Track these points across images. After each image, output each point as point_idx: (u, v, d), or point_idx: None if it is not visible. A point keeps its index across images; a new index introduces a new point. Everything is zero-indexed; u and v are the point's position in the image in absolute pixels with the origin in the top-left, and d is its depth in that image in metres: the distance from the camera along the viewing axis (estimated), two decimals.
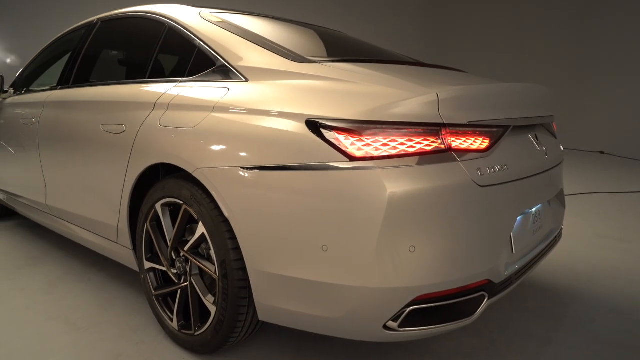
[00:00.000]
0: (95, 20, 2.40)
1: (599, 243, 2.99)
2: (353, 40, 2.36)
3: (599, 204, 4.12)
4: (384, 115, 1.18)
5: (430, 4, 12.12)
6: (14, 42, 8.91)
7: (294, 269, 1.27)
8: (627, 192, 4.67)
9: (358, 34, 3.23)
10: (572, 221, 3.51)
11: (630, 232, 3.23)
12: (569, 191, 4.64)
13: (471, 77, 1.80)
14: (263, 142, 1.31)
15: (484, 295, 1.28)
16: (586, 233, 3.21)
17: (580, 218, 3.61)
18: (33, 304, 2.05)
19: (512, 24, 10.41)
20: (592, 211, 3.84)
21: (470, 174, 1.21)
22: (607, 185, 5.01)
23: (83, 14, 6.40)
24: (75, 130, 2.07)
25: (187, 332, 1.62)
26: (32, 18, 8.88)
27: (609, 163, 7.04)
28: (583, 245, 2.94)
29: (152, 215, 1.69)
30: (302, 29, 2.16)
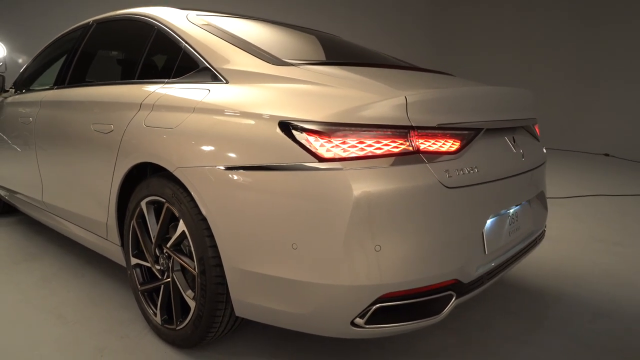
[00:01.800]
0: (90, 22, 2.45)
1: (593, 246, 2.98)
2: (342, 42, 2.39)
3: (599, 206, 4.11)
4: (353, 117, 1.22)
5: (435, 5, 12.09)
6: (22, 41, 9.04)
7: (266, 266, 1.30)
8: (629, 195, 4.64)
9: (362, 35, 3.25)
10: (569, 224, 3.51)
11: (626, 236, 3.22)
12: (570, 193, 4.63)
13: (454, 81, 1.82)
14: (239, 142, 1.35)
15: (451, 295, 1.30)
16: (582, 236, 3.21)
17: (578, 220, 3.60)
18: (26, 298, 2.11)
19: (517, 26, 10.36)
20: (591, 214, 3.82)
21: (438, 175, 1.24)
22: (610, 188, 4.98)
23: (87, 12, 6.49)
24: (68, 129, 2.13)
25: (170, 326, 1.66)
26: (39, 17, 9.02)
27: (613, 165, 6.98)
28: (577, 248, 2.94)
29: (137, 212, 1.74)
30: (289, 31, 2.19)
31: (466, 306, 2.04)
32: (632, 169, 6.62)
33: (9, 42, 8.47)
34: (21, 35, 9.00)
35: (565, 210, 3.94)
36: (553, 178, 5.72)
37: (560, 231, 3.29)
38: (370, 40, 11.15)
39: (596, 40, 8.80)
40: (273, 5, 10.94)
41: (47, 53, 2.91)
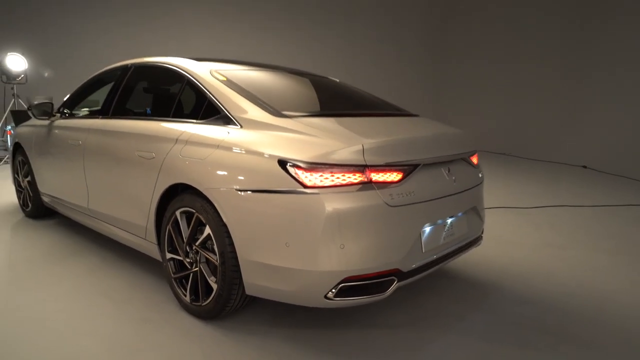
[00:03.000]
0: (129, 65, 3.07)
1: (540, 250, 3.57)
2: (333, 88, 3.00)
3: (560, 216, 4.69)
4: (327, 159, 1.82)
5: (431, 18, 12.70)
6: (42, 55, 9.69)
7: (268, 258, 1.91)
8: (589, 206, 5.23)
9: (361, 49, 3.83)
10: (526, 230, 4.10)
11: (572, 242, 3.80)
12: (539, 204, 5.21)
13: (413, 124, 2.44)
14: (250, 172, 1.96)
15: (394, 279, 1.91)
16: (534, 241, 3.80)
17: (535, 228, 4.20)
18: (81, 284, 2.71)
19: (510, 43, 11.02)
20: (550, 223, 4.41)
21: (384, 198, 1.85)
22: (577, 199, 5.56)
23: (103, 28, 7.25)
24: (115, 153, 2.74)
25: (197, 303, 2.26)
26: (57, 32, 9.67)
27: (589, 177, 7.54)
28: (525, 251, 3.53)
29: (172, 219, 2.34)
30: (288, 78, 2.81)
31: (420, 292, 2.64)
32: (606, 181, 7.16)
33: (30, 55, 9.10)
34: (41, 49, 9.66)
35: (527, 218, 4.54)
36: (527, 188, 6.34)
37: (515, 237, 3.89)
38: (368, 54, 11.71)
39: (578, 58, 9.42)
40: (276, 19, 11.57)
41: (89, 85, 3.53)
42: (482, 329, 2.27)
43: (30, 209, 4.04)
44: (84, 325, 2.23)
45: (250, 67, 2.85)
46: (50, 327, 2.21)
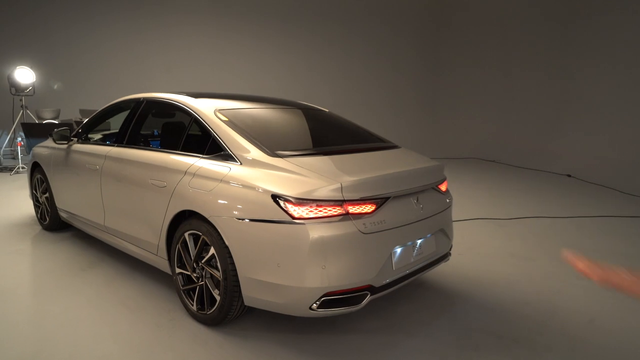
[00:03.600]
0: (141, 99, 3.46)
1: (506, 260, 3.97)
2: (322, 122, 3.40)
3: (534, 227, 5.09)
4: (311, 195, 2.21)
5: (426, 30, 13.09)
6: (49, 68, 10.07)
7: (263, 275, 2.30)
8: (566, 217, 5.62)
9: (358, 59, 4.19)
10: (497, 242, 4.50)
11: (537, 253, 4.20)
12: (520, 214, 5.60)
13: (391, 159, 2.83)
14: (248, 203, 2.35)
15: (367, 293, 2.30)
16: (502, 252, 4.19)
17: (507, 239, 4.59)
18: (100, 293, 3.10)
19: (500, 55, 11.44)
20: (522, 234, 4.81)
21: (358, 227, 2.24)
22: (556, 210, 5.94)
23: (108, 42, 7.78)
24: (130, 179, 3.13)
25: (202, 312, 2.65)
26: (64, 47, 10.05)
27: (573, 187, 7.92)
28: (495, 262, 3.93)
29: (181, 240, 2.74)
30: (283, 114, 3.21)
31: (396, 301, 3.03)
32: (589, 190, 7.53)
33: (38, 68, 9.49)
34: (48, 63, 10.05)
35: (503, 230, 4.94)
36: (510, 197, 6.74)
37: (487, 248, 4.29)
38: (364, 64, 12.09)
39: (564, 70, 9.84)
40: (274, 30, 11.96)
41: (103, 114, 3.92)
42: (444, 333, 2.67)
43: (47, 222, 4.43)
44: (106, 330, 2.62)
45: (248, 103, 3.24)
46: (77, 332, 2.60)
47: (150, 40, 10.94)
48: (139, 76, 10.67)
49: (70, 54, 10.34)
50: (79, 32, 10.38)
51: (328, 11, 12.33)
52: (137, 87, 10.50)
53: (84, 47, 10.42)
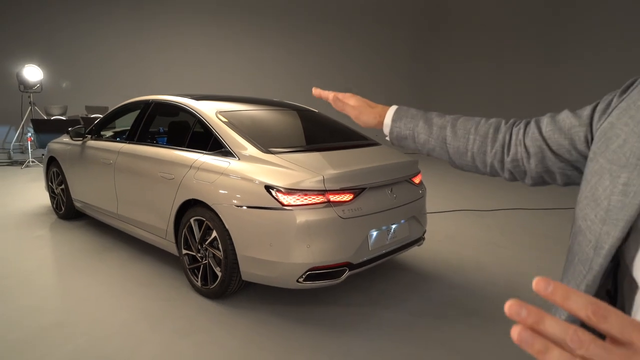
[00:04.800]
0: (150, 100, 3.86)
1: (482, 247, 4.39)
2: (312, 122, 3.80)
3: (513, 218, 5.50)
4: (298, 185, 2.62)
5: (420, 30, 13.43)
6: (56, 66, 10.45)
7: (257, 253, 2.72)
8: (546, 209, 6.04)
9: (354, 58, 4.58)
10: (475, 231, 4.92)
11: (511, 241, 4.62)
12: (501, 206, 6.02)
13: (369, 155, 3.24)
14: (245, 193, 2.76)
15: (345, 269, 2.72)
16: (481, 241, 4.61)
17: (486, 229, 5.01)
18: (116, 273, 3.52)
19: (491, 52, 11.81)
20: (502, 224, 5.22)
21: (338, 213, 2.65)
22: (538, 202, 6.36)
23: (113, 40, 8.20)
24: (141, 172, 3.54)
25: (206, 287, 3.07)
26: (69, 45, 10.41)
27: None
28: (472, 249, 4.34)
29: (187, 225, 3.15)
30: (276, 115, 3.61)
31: (373, 280, 3.45)
32: None
33: (45, 67, 9.87)
34: (55, 61, 10.44)
35: (483, 220, 5.36)
36: (493, 190, 7.15)
37: (466, 237, 4.71)
38: (360, 62, 12.35)
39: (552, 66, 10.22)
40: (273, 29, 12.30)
41: (115, 114, 4.32)
42: (414, 306, 3.09)
43: (63, 212, 4.84)
44: (123, 303, 3.04)
45: (246, 105, 3.64)
46: (98, 304, 3.02)
47: (151, 39, 11.31)
48: (140, 74, 11.05)
49: (75, 52, 10.72)
50: (83, 31, 10.76)
51: (325, 11, 12.67)
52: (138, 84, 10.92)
53: (88, 45, 10.79)
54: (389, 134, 0.99)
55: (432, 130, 0.94)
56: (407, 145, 0.98)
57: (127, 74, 10.99)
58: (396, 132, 0.97)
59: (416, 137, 0.95)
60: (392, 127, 0.98)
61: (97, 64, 10.88)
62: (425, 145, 0.95)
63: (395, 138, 0.98)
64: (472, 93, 12.42)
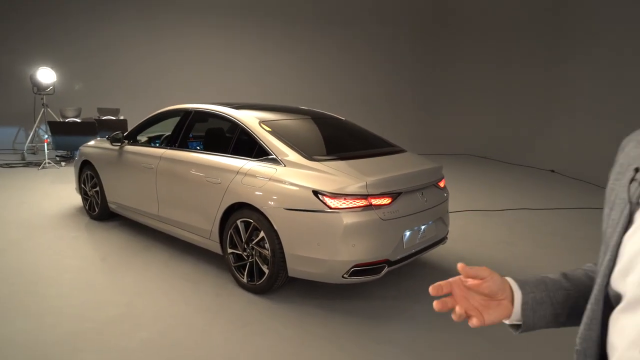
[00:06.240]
0: (190, 109, 4.13)
1: (493, 245, 4.71)
2: (343, 130, 4.10)
3: (520, 217, 5.84)
4: (344, 190, 2.91)
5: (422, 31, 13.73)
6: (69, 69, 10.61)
7: (306, 252, 3.00)
8: (549, 209, 6.37)
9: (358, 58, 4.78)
10: (487, 230, 5.24)
11: (519, 239, 4.94)
12: (507, 206, 6.35)
13: (402, 160, 3.53)
14: (293, 197, 3.04)
15: (385, 265, 3.02)
16: (493, 239, 4.93)
17: (495, 228, 5.33)
18: (162, 271, 3.79)
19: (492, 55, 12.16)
20: (510, 224, 5.55)
21: (379, 215, 2.95)
22: (543, 202, 6.70)
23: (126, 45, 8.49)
24: (185, 176, 3.81)
25: (252, 283, 3.35)
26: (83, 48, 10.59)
27: (556, 181, 8.69)
28: (485, 247, 4.66)
29: (234, 226, 3.43)
30: (313, 124, 3.91)
31: (403, 277, 3.75)
32: (570, 184, 8.30)
33: (58, 69, 10.05)
34: (67, 63, 10.61)
35: (492, 220, 5.68)
36: (499, 191, 7.48)
37: (479, 235, 5.03)
38: (364, 63, 12.57)
39: (551, 70, 10.58)
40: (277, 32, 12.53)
41: (151, 121, 4.58)
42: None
43: (96, 213, 5.08)
44: (176, 297, 3.31)
45: (282, 114, 3.93)
46: (153, 298, 3.29)
47: (160, 40, 11.52)
48: (150, 75, 11.26)
49: (85, 53, 10.90)
50: (93, 33, 10.94)
51: (329, 12, 12.94)
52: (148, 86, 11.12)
53: (98, 46, 10.98)
54: (523, 305, 0.86)
55: (562, 284, 0.89)
56: (543, 313, 0.87)
57: (137, 76, 11.19)
58: (531, 297, 0.86)
59: (553, 297, 0.87)
60: (524, 295, 0.86)
61: (107, 65, 11.07)
62: (566, 302, 0.88)
63: (531, 309, 0.86)
64: (472, 94, 12.76)
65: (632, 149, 0.79)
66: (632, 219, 0.71)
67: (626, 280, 0.68)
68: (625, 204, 0.73)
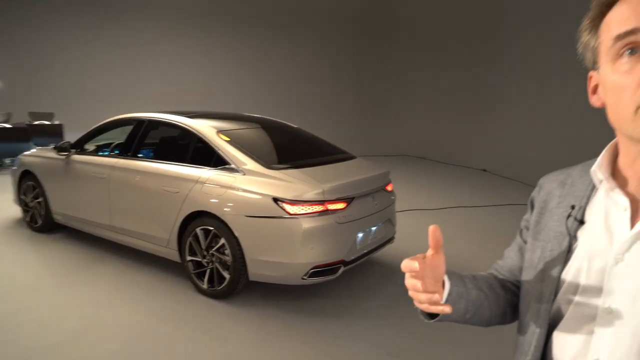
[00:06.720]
0: (144, 118, 4.13)
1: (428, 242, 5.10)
2: (298, 138, 4.29)
3: (454, 215, 6.33)
4: (302, 197, 3.11)
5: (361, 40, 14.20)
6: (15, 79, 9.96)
7: (267, 256, 3.17)
8: (480, 207, 6.95)
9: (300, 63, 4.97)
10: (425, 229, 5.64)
11: (458, 236, 5.39)
12: (442, 205, 6.84)
13: (353, 167, 3.78)
14: (254, 205, 3.19)
15: (341, 266, 3.25)
16: None
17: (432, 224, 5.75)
18: (117, 282, 3.77)
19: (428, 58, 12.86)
20: (448, 221, 6.01)
21: (335, 219, 3.18)
22: (476, 200, 7.26)
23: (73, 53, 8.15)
24: (141, 186, 3.82)
25: (212, 288, 3.45)
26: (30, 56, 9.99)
27: (487, 180, 9.40)
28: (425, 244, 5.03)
29: (193, 233, 3.51)
30: (269, 133, 4.06)
31: (355, 276, 4.01)
32: (500, 183, 9.02)
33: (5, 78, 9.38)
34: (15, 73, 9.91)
35: (432, 218, 6.12)
36: (437, 190, 8.01)
37: (420, 232, 5.38)
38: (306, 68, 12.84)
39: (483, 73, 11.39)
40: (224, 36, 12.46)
41: (101, 129, 4.51)
42: (390, 293, 3.70)
43: (39, 225, 4.90)
44: (137, 307, 3.34)
45: (238, 123, 4.05)
46: (114, 310, 3.30)
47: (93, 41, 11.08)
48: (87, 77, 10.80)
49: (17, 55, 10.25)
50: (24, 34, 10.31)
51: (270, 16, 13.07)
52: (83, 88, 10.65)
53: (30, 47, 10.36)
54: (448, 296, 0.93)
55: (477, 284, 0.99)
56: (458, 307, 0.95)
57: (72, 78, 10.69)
58: (455, 290, 0.94)
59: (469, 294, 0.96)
60: (451, 287, 0.94)
61: (39, 66, 10.48)
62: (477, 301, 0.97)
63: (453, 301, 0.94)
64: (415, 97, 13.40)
65: (555, 188, 0.91)
66: (571, 249, 0.81)
67: (569, 302, 0.79)
68: (564, 236, 0.82)
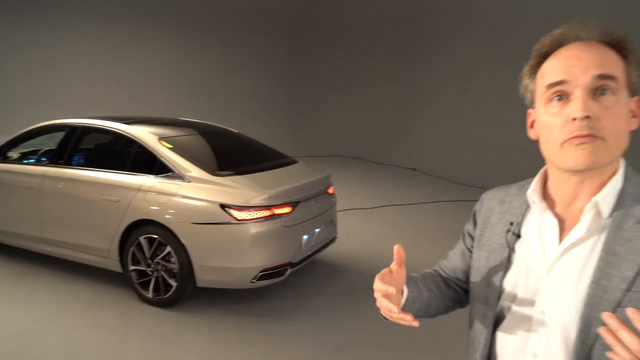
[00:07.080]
0: (76, 124, 3.97)
1: (374, 240, 5.39)
2: (240, 143, 4.34)
3: (390, 213, 6.68)
4: (248, 202, 3.19)
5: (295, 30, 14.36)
6: None
7: (216, 262, 3.21)
8: (412, 204, 7.38)
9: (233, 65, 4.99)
10: (364, 226, 5.94)
11: (392, 231, 5.73)
12: (377, 204, 7.17)
13: (297, 172, 3.91)
14: (200, 212, 3.22)
15: (287, 268, 3.38)
16: (370, 234, 5.62)
17: (372, 224, 6.06)
18: (54, 297, 3.61)
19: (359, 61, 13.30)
20: (383, 219, 6.34)
21: (281, 223, 3.30)
22: (407, 198, 7.68)
23: None
24: (76, 195, 3.68)
25: (159, 297, 3.42)
26: None
27: (417, 179, 9.97)
28: (365, 241, 5.31)
29: (136, 242, 3.45)
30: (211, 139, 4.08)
31: (300, 277, 4.16)
32: (429, 182, 9.59)
33: None
34: None
35: (368, 217, 6.43)
36: (371, 189, 8.38)
37: (358, 231, 5.69)
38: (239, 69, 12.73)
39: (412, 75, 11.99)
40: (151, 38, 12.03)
41: (27, 135, 4.25)
42: (333, 292, 3.89)
43: None
44: (79, 321, 3.23)
45: (178, 129, 4.02)
46: (54, 326, 3.17)
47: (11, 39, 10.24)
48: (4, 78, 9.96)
49: None
50: None
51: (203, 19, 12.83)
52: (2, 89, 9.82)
53: None
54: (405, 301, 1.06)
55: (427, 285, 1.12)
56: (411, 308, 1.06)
57: None
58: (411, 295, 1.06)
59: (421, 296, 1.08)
60: (408, 293, 1.06)
61: None
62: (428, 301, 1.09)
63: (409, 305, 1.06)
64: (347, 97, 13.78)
65: (496, 205, 1.02)
66: (511, 259, 0.94)
67: (509, 306, 0.91)
68: (504, 248, 0.94)
